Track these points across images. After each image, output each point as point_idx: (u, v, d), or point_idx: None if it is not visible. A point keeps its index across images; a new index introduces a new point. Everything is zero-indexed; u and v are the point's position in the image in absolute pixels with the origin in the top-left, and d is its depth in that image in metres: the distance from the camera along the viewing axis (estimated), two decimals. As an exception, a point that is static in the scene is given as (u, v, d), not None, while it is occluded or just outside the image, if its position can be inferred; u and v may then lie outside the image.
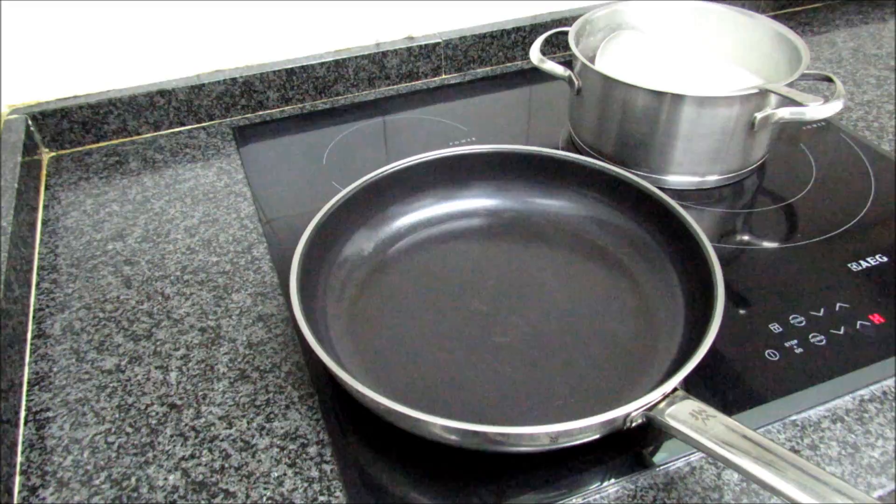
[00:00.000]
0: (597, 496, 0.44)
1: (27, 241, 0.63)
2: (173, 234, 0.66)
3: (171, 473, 0.46)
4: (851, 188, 0.70)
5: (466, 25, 0.91)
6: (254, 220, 0.67)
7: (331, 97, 0.87)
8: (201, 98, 0.81)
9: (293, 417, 0.49)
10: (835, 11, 1.06)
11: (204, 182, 0.73)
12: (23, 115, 0.75)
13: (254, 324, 0.56)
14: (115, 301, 0.59)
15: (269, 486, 0.45)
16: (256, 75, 0.82)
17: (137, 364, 0.53)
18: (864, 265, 0.60)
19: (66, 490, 0.45)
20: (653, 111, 0.66)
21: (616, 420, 0.41)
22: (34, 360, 0.54)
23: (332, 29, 0.85)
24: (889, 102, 0.83)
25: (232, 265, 0.62)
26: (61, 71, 0.76)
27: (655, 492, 0.44)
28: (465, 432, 0.41)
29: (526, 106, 0.86)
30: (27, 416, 0.50)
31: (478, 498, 0.44)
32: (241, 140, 0.80)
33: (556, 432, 0.41)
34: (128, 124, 0.79)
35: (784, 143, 0.77)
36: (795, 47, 0.69)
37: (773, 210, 0.69)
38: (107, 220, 0.68)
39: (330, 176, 0.73)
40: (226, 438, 0.48)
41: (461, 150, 0.63)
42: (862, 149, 0.75)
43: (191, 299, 0.59)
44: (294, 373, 0.52)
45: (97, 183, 0.73)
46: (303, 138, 0.81)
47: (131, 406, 0.50)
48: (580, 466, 0.45)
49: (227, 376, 0.52)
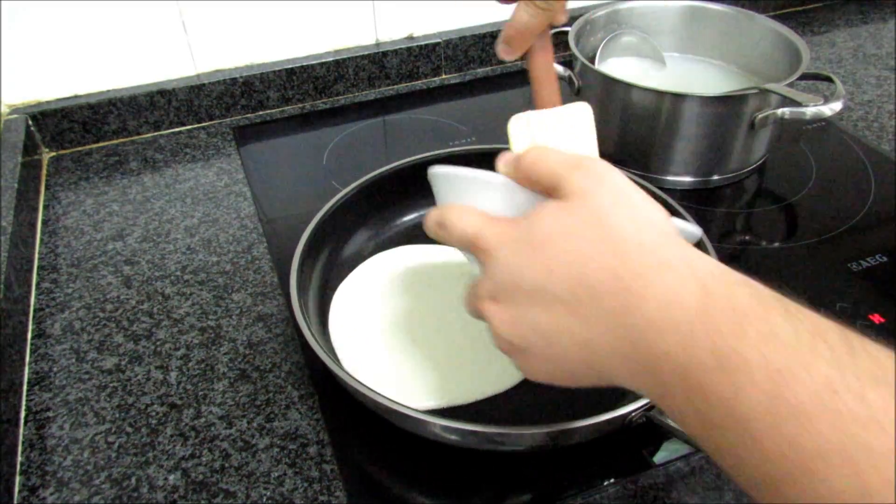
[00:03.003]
0: (597, 496, 0.44)
1: (27, 241, 0.63)
2: (173, 234, 0.66)
3: (172, 473, 0.46)
4: (851, 188, 0.70)
5: (466, 25, 0.91)
6: (254, 220, 0.67)
7: (331, 97, 0.87)
8: (201, 98, 0.81)
9: (293, 417, 0.49)
10: (835, 11, 1.06)
11: (204, 182, 0.73)
12: (23, 115, 0.75)
13: (254, 324, 0.56)
14: (116, 301, 0.59)
15: (269, 486, 0.45)
16: (256, 75, 0.82)
17: (137, 364, 0.53)
18: (864, 265, 0.60)
19: (67, 490, 0.45)
20: (653, 111, 0.66)
21: (616, 420, 0.41)
22: (34, 360, 0.54)
23: (332, 29, 0.85)
24: (889, 102, 0.83)
25: (232, 265, 0.62)
26: (61, 71, 0.76)
27: (655, 492, 0.44)
28: (464, 432, 0.41)
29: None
30: (27, 416, 0.50)
31: (478, 498, 0.44)
32: (241, 140, 0.80)
33: (556, 432, 0.41)
34: (128, 124, 0.79)
35: (784, 143, 0.77)
36: (795, 47, 0.69)
37: (773, 210, 0.69)
38: (107, 220, 0.68)
39: (330, 176, 0.73)
40: (226, 438, 0.48)
41: (461, 149, 0.63)
42: (862, 149, 0.75)
43: (191, 299, 0.59)
44: (294, 373, 0.52)
45: (97, 183, 0.73)
46: (303, 138, 0.81)
47: (131, 406, 0.50)
48: (580, 466, 0.45)
49: (227, 376, 0.52)
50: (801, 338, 0.23)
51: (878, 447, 0.21)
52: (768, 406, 0.23)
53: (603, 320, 0.28)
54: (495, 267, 0.31)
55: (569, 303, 0.29)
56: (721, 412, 0.24)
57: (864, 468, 0.21)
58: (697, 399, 0.25)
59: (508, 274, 0.31)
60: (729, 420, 0.24)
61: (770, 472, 0.23)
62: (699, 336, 0.25)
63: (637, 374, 0.28)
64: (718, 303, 0.25)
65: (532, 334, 0.30)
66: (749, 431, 0.23)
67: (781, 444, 0.22)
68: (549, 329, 0.30)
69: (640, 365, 0.27)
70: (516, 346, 0.32)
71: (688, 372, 0.25)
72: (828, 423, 0.21)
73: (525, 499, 0.44)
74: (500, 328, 0.32)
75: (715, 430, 0.25)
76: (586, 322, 0.28)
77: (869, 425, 0.21)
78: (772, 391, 0.23)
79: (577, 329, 0.29)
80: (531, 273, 0.30)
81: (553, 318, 0.29)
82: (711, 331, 0.25)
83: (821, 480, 0.21)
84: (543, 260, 0.29)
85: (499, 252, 0.31)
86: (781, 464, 0.22)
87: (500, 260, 0.31)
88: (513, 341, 0.31)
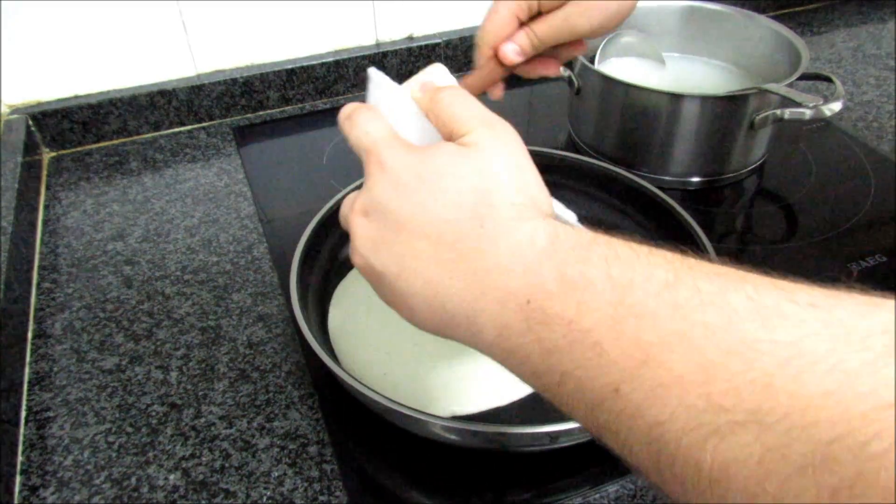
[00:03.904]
0: (597, 496, 0.44)
1: (28, 241, 0.63)
2: (173, 234, 0.66)
3: (172, 473, 0.46)
4: (851, 188, 0.70)
5: (466, 25, 0.91)
6: (254, 220, 0.67)
7: (331, 97, 0.87)
8: (201, 98, 0.81)
9: (293, 417, 0.49)
10: (835, 11, 1.06)
11: (204, 182, 0.73)
12: (23, 115, 0.75)
13: (254, 324, 0.56)
14: (116, 301, 0.59)
15: (270, 486, 0.45)
16: (256, 75, 0.82)
17: (138, 364, 0.53)
18: (863, 265, 0.60)
19: (67, 490, 0.45)
20: (652, 111, 0.66)
21: (616, 420, 0.41)
22: (35, 360, 0.54)
23: (332, 29, 0.85)
24: (889, 102, 0.83)
25: (232, 265, 0.62)
26: (61, 71, 0.76)
27: (655, 491, 0.44)
28: (465, 432, 0.41)
29: (526, 106, 0.86)
30: (28, 416, 0.50)
31: (478, 498, 0.44)
32: (241, 140, 0.80)
33: (556, 432, 0.41)
34: (128, 124, 0.79)
35: (784, 143, 0.77)
36: (795, 47, 0.69)
37: (772, 210, 0.69)
38: (107, 220, 0.68)
39: (330, 176, 0.73)
40: (226, 438, 0.48)
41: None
42: (861, 149, 0.75)
43: (191, 299, 0.59)
44: (294, 373, 0.52)
45: (97, 183, 0.73)
46: (303, 138, 0.81)
47: (132, 406, 0.50)
48: (580, 466, 0.45)
49: (227, 376, 0.52)
50: (641, 255, 0.25)
51: (713, 321, 0.22)
52: (612, 313, 0.24)
53: (457, 263, 0.28)
54: (378, 184, 0.32)
55: (432, 239, 0.29)
56: (562, 331, 0.25)
57: (702, 343, 0.21)
58: (539, 327, 0.26)
59: (387, 196, 0.31)
60: (571, 338, 0.25)
61: (613, 378, 0.23)
62: (545, 269, 0.26)
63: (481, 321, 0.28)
64: (567, 241, 0.27)
65: (388, 259, 0.30)
66: (592, 341, 0.24)
67: (625, 344, 0.23)
68: (405, 260, 0.30)
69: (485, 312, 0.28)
70: (371, 267, 0.31)
71: (531, 303, 0.26)
72: (667, 315, 0.23)
73: (525, 499, 0.44)
74: (361, 244, 0.32)
75: (556, 355, 0.25)
76: (440, 263, 0.29)
77: (705, 307, 0.22)
78: (615, 300, 0.24)
79: (432, 267, 0.29)
80: (408, 204, 0.30)
81: (412, 250, 0.30)
82: (558, 262, 0.26)
83: (662, 366, 0.22)
84: (424, 193, 0.30)
85: (385, 170, 0.32)
86: (625, 364, 0.23)
87: (384, 179, 0.31)
88: (369, 261, 0.31)
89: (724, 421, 0.20)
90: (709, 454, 0.20)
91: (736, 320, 0.21)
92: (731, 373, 0.20)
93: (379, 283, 0.32)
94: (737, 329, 0.21)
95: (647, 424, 0.22)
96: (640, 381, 0.22)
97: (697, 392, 0.21)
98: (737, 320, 0.21)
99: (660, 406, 0.22)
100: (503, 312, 0.27)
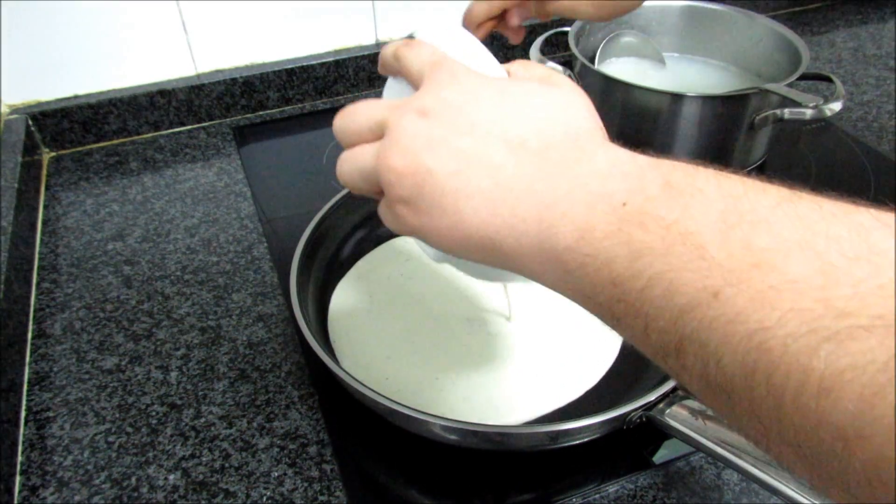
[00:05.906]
0: (597, 496, 0.44)
1: (27, 241, 0.63)
2: (173, 234, 0.66)
3: (172, 473, 0.46)
4: (850, 188, 0.70)
5: (466, 25, 0.91)
6: (254, 220, 0.67)
7: (331, 97, 0.87)
8: (201, 98, 0.81)
9: (293, 417, 0.49)
10: (835, 11, 1.06)
11: (204, 182, 0.73)
12: (23, 115, 0.75)
13: (254, 324, 0.56)
14: (116, 301, 0.59)
15: (270, 486, 0.45)
16: (256, 75, 0.82)
17: (138, 364, 0.53)
18: (863, 265, 0.60)
19: (67, 490, 0.45)
20: (653, 111, 0.66)
21: (616, 420, 0.41)
22: (34, 360, 0.54)
23: (332, 29, 0.85)
24: (888, 102, 0.83)
25: (232, 265, 0.62)
26: (61, 71, 0.76)
27: (655, 491, 0.44)
28: (465, 432, 0.41)
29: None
30: (27, 416, 0.50)
31: (478, 498, 0.44)
32: (241, 140, 0.80)
33: (556, 432, 0.41)
34: (128, 124, 0.79)
35: (784, 143, 0.77)
36: (795, 47, 0.69)
37: (772, 210, 0.69)
38: (107, 220, 0.68)
39: (330, 176, 0.73)
40: (226, 438, 0.48)
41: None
42: (861, 149, 0.75)
43: (191, 299, 0.59)
44: (294, 373, 0.52)
45: (97, 183, 0.73)
46: (303, 138, 0.81)
47: (131, 406, 0.50)
48: (580, 466, 0.45)
49: (227, 376, 0.52)
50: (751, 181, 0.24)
51: (837, 233, 0.20)
52: (722, 219, 0.22)
53: (541, 167, 0.27)
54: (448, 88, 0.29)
55: (513, 145, 0.27)
56: (660, 233, 0.23)
57: (824, 250, 0.20)
58: (632, 227, 0.24)
59: (461, 100, 0.29)
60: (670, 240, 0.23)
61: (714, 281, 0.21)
62: (649, 176, 0.25)
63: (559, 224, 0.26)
64: (667, 162, 0.26)
65: (447, 156, 0.27)
66: (696, 244, 0.22)
67: (734, 247, 0.21)
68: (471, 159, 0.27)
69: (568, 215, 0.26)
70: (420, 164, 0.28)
71: (628, 205, 0.24)
72: (786, 224, 0.21)
73: (525, 499, 0.44)
74: (411, 141, 0.28)
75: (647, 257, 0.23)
76: (519, 164, 0.27)
77: (827, 220, 0.21)
78: (726, 208, 0.23)
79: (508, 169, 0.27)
80: (489, 111, 0.28)
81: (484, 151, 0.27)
82: (664, 171, 0.25)
83: (775, 269, 0.20)
84: (510, 106, 0.29)
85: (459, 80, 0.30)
86: (731, 266, 0.21)
87: (457, 86, 0.29)
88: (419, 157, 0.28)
89: (843, 325, 0.18)
90: (822, 361, 0.18)
91: (862, 232, 0.20)
92: (856, 279, 0.19)
93: (421, 184, 0.28)
94: (864, 239, 0.20)
95: (747, 331, 0.20)
96: (747, 283, 0.21)
97: (814, 296, 0.19)
98: (863, 232, 0.20)
99: (767, 310, 0.20)
100: (590, 214, 0.25)
